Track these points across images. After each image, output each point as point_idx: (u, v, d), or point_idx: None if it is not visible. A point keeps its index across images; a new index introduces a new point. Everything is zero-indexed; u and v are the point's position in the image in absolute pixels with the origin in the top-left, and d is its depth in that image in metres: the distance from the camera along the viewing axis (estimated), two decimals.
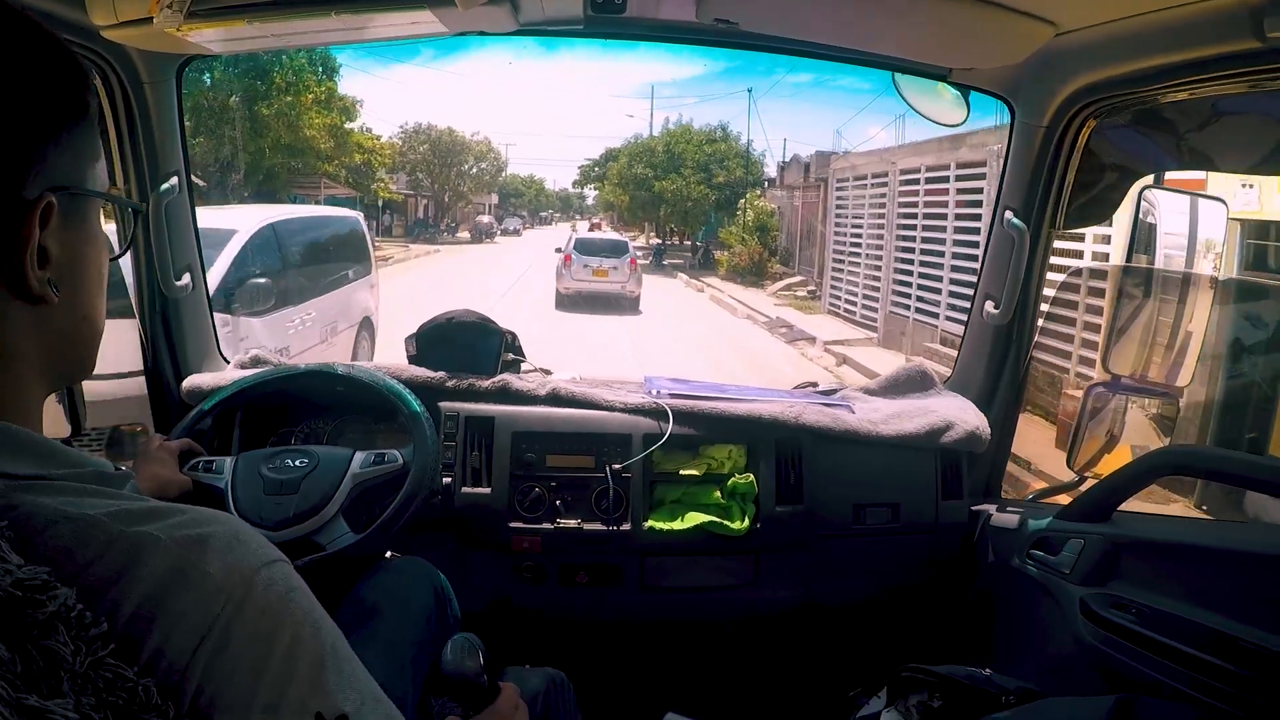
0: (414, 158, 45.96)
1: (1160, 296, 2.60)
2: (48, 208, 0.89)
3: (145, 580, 0.78)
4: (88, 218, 0.99)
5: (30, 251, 0.88)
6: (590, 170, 49.14)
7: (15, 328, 0.90)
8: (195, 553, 0.82)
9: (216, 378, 2.77)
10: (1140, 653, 2.05)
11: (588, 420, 2.80)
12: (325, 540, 2.16)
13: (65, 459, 0.89)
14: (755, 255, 32.29)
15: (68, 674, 0.72)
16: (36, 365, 0.94)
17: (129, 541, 0.80)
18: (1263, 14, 1.69)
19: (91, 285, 1.01)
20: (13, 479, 0.82)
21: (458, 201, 50.39)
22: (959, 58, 2.51)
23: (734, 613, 3.02)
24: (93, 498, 0.84)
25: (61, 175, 0.93)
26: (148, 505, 0.85)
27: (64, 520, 0.79)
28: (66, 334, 0.97)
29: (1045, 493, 2.82)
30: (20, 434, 0.87)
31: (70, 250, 0.95)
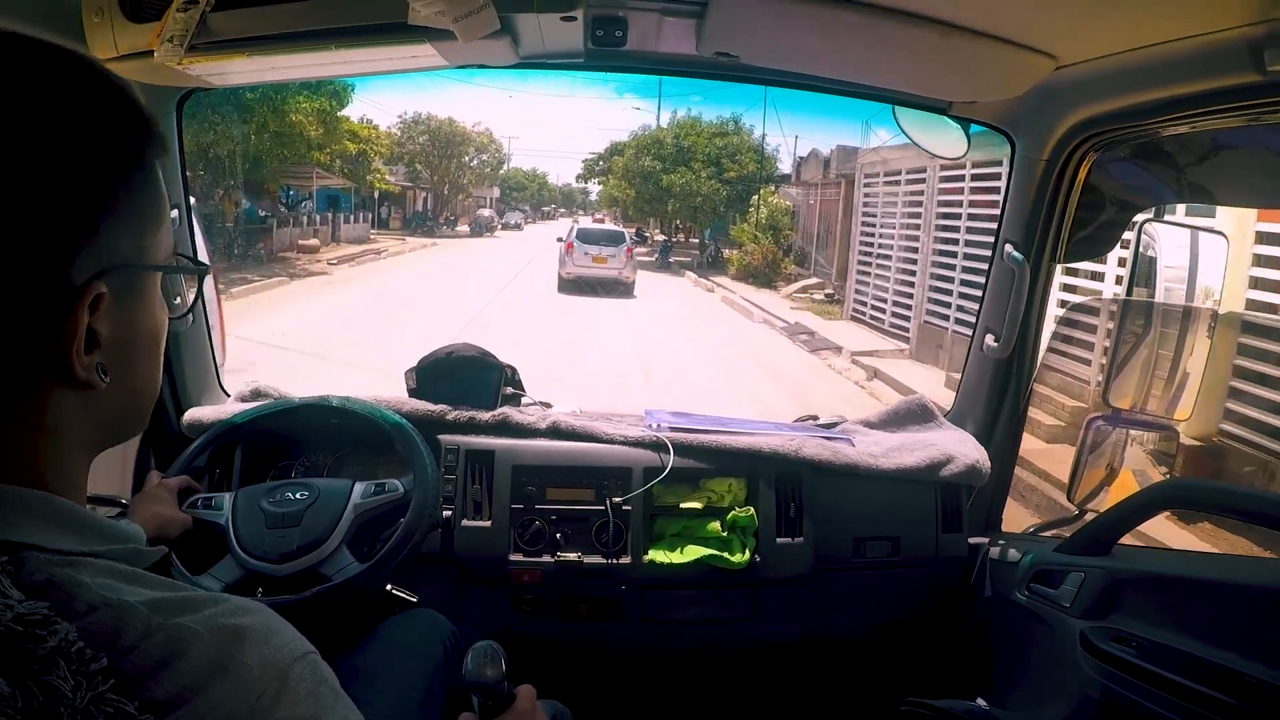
0: (412, 149, 44.94)
1: (1160, 330, 2.60)
2: (92, 289, 0.85)
3: (185, 673, 0.78)
4: (146, 290, 0.96)
5: (77, 342, 0.85)
6: (594, 164, 47.07)
7: (60, 409, 0.88)
8: (234, 645, 0.82)
9: (217, 411, 2.76)
10: (1141, 686, 2.04)
11: (588, 453, 2.80)
12: (331, 571, 2.16)
13: (103, 533, 0.89)
14: (768, 255, 30.95)
15: (67, 710, 0.72)
16: (83, 439, 0.93)
17: (168, 634, 0.79)
18: (1262, 47, 1.69)
19: (145, 358, 0.99)
20: (52, 554, 0.82)
21: (457, 194, 49.52)
22: (959, 91, 2.51)
23: (734, 645, 3.00)
24: (130, 583, 0.83)
25: (117, 251, 0.89)
26: (182, 595, 0.84)
27: (104, 606, 0.79)
28: (115, 410, 0.96)
29: (1045, 526, 2.81)
30: (62, 507, 0.86)
31: (123, 328, 0.92)
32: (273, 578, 2.13)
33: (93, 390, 0.88)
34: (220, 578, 2.13)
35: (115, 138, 0.89)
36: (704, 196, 35.92)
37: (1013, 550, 2.66)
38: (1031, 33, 2.04)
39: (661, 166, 36.83)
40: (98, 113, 0.88)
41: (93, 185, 0.86)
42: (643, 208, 39.77)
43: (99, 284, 0.85)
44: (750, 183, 35.57)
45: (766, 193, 34.68)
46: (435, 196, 48.68)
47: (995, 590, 2.70)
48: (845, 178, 24.87)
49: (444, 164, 45.83)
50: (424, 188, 47.38)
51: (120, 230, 0.89)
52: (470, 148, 47.07)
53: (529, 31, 2.23)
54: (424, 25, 1.98)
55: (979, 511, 2.91)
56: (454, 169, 46.37)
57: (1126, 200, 2.59)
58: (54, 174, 0.82)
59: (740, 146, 36.61)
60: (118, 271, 0.88)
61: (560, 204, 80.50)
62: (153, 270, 0.96)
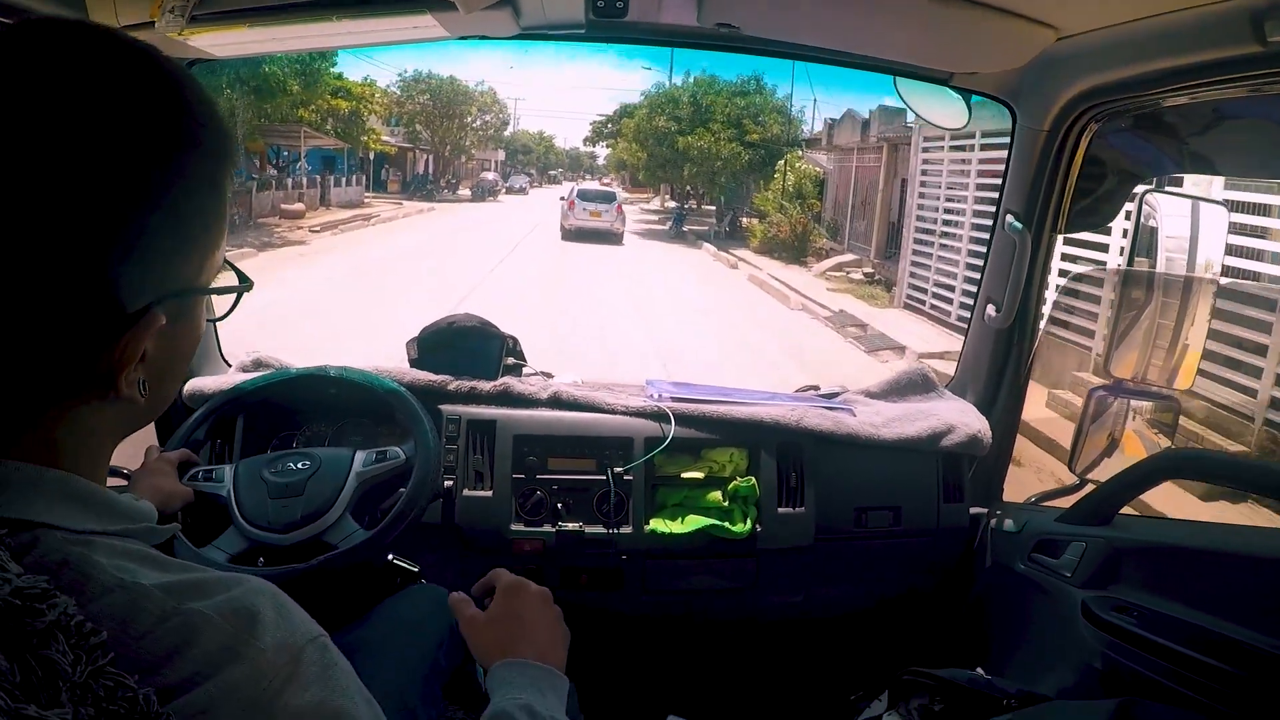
0: (412, 108, 43.16)
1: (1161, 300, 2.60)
2: (151, 318, 0.85)
3: (198, 659, 0.80)
4: (196, 310, 0.96)
5: (130, 367, 0.86)
6: (602, 127, 43.92)
7: (94, 413, 0.89)
8: (246, 629, 0.83)
9: (218, 381, 2.76)
10: (1142, 655, 2.05)
11: (589, 423, 2.80)
12: (336, 539, 2.16)
13: (121, 513, 0.90)
14: (798, 226, 28.22)
15: (66, 684, 0.72)
16: (110, 434, 0.94)
17: (182, 619, 0.80)
18: (1263, 18, 1.68)
19: (180, 369, 1.00)
20: (68, 533, 0.83)
21: (459, 157, 47.55)
22: (960, 62, 2.51)
23: (735, 615, 3.02)
24: (145, 565, 0.85)
25: (177, 277, 0.89)
26: (195, 578, 0.85)
27: (119, 589, 0.80)
28: (143, 414, 0.96)
29: (1046, 496, 2.81)
30: (82, 487, 0.87)
31: (169, 348, 0.93)
32: (277, 547, 2.13)
33: (130, 403, 0.89)
34: (225, 549, 2.14)
35: (191, 160, 0.88)
36: (724, 160, 33.23)
37: (1014, 520, 2.66)
38: (1033, 3, 2.03)
39: (677, 127, 34.14)
40: (173, 136, 0.86)
41: (165, 214, 0.85)
42: (656, 172, 37.25)
43: (159, 312, 0.86)
44: (774, 146, 33.28)
45: (794, 157, 32.76)
46: (436, 159, 46.95)
47: (996, 560, 2.71)
48: (888, 141, 23.01)
49: (445, 124, 44.09)
50: (424, 149, 45.79)
51: (184, 255, 0.89)
52: (473, 108, 45.21)
53: (530, 2, 2.23)
54: None
55: (980, 481, 2.92)
56: (455, 130, 44.53)
57: (1127, 171, 2.59)
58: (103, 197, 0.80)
59: (763, 107, 33.95)
60: (177, 297, 0.89)
61: (567, 168, 77.03)
62: (210, 294, 0.97)
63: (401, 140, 43.33)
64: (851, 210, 26.50)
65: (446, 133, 44.28)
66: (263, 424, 2.64)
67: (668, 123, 34.25)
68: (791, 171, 32.18)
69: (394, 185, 43.54)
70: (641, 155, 36.26)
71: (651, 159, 35.59)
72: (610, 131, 42.97)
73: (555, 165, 77.23)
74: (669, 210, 41.92)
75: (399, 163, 44.70)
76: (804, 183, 31.10)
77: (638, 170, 39.26)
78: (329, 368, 2.54)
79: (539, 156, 73.86)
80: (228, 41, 2.23)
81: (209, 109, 0.89)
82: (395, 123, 42.46)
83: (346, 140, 32.45)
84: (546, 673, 1.37)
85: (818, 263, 25.95)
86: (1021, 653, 2.56)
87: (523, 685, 1.32)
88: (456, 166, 49.09)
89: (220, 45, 2.30)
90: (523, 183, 59.66)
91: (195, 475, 2.28)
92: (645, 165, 36.70)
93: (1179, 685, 1.96)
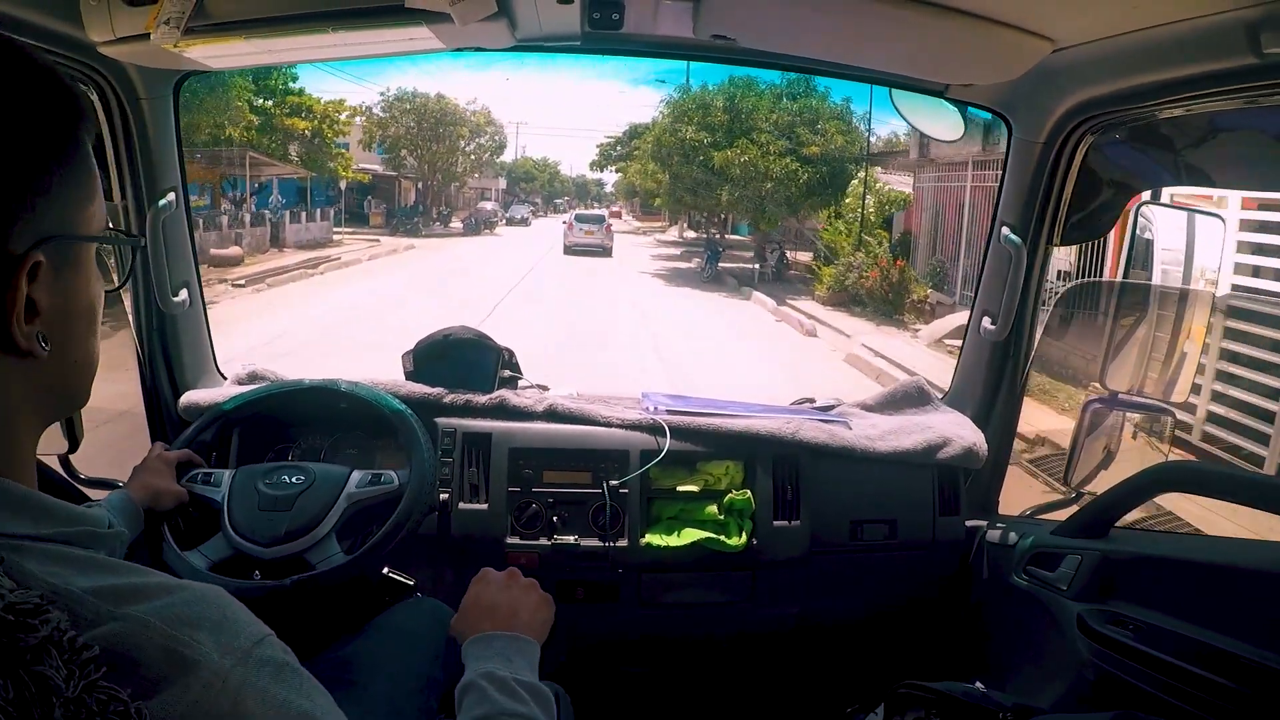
0: (396, 131, 38.75)
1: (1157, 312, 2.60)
2: (36, 264, 0.88)
3: (143, 664, 0.79)
4: (82, 261, 0.98)
5: (17, 310, 0.86)
6: (610, 150, 40.88)
7: (7, 378, 0.89)
8: (189, 634, 0.82)
9: (214, 394, 2.76)
10: (1138, 669, 2.06)
11: (585, 436, 2.80)
12: (316, 559, 2.16)
13: (58, 516, 0.89)
14: (892, 272, 20.87)
15: (60, 700, 0.71)
16: (29, 414, 0.94)
17: (117, 624, 0.80)
18: (1259, 30, 1.69)
19: (84, 328, 1.00)
20: (3, 538, 0.82)
21: (450, 184, 43.57)
22: (956, 74, 2.51)
23: (731, 628, 3.01)
24: (79, 569, 0.84)
25: (53, 223, 0.91)
26: (132, 582, 0.84)
27: (50, 595, 0.78)
28: (58, 380, 0.97)
29: (1042, 509, 2.81)
30: (13, 490, 0.87)
31: (62, 298, 0.94)
32: (259, 560, 2.14)
33: (34, 360, 0.89)
34: (208, 555, 2.15)
35: (49, 117, 0.91)
36: (776, 181, 25.72)
37: (1010, 533, 2.66)
38: (1028, 15, 2.03)
39: (711, 139, 26.77)
40: (30, 94, 0.90)
41: (29, 163, 0.88)
42: (682, 196, 29.49)
43: (37, 253, 0.88)
44: (837, 162, 25.69)
45: (871, 177, 25.92)
46: (425, 187, 42.78)
47: (992, 573, 2.71)
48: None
49: (433, 149, 39.99)
50: (409, 176, 41.83)
51: (56, 204, 0.91)
52: (464, 129, 40.87)
53: (526, 14, 2.23)
54: (421, 8, 1.98)
55: (976, 494, 2.92)
56: (445, 154, 40.47)
57: (1123, 182, 2.59)
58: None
59: (820, 112, 26.33)
60: (54, 242, 0.91)
61: (574, 195, 71.40)
62: (88, 241, 0.98)
63: (385, 167, 40.30)
64: (965, 247, 19.81)
65: (435, 158, 40.69)
66: (262, 433, 2.64)
67: (698, 134, 27.03)
68: (871, 194, 25.75)
69: (377, 218, 40.08)
70: (661, 177, 29.80)
71: (676, 181, 28.63)
72: (619, 155, 40.38)
73: (561, 193, 71.89)
74: (689, 242, 39.63)
75: (386, 193, 41.47)
76: (889, 208, 25.32)
77: (653, 195, 34.20)
78: (339, 381, 2.55)
79: (543, 184, 68.58)
80: (223, 54, 2.23)
81: (67, 83, 0.95)
82: (381, 150, 39.41)
83: (311, 168, 29.92)
84: (511, 639, 1.55)
85: (923, 323, 19.06)
86: (1017, 666, 2.56)
87: (488, 656, 1.49)
88: (449, 195, 45.50)
89: (215, 57, 2.29)
90: (524, 213, 53.84)
91: (194, 477, 2.28)
92: (667, 189, 29.97)
93: (1174, 698, 1.96)
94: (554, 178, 70.15)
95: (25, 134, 0.88)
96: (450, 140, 40.77)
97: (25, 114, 0.89)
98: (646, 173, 31.96)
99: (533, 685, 1.43)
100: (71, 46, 2.18)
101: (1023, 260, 2.67)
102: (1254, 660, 1.84)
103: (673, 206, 33.99)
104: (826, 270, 22.94)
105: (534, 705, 1.39)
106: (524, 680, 1.43)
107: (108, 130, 2.54)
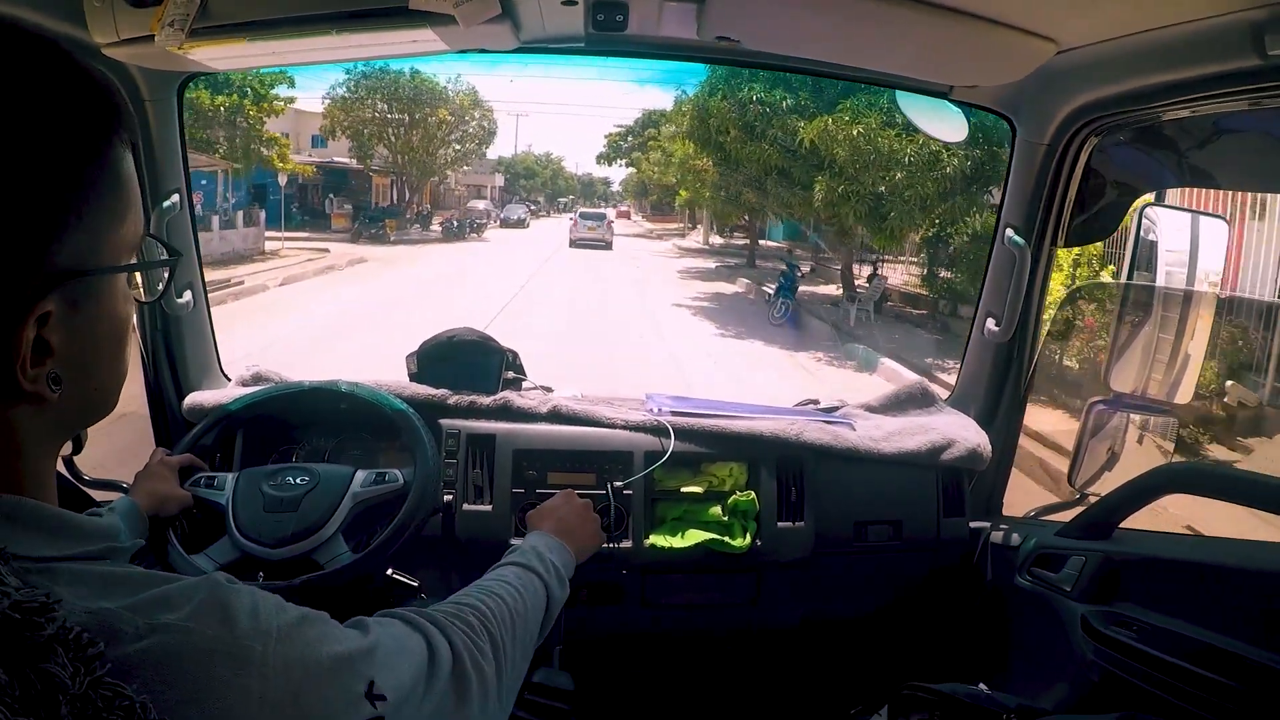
0: (362, 114, 33.33)
1: (1161, 314, 2.60)
2: (35, 307, 0.82)
3: (189, 669, 0.81)
4: (105, 293, 0.92)
5: (22, 357, 0.82)
6: (620, 140, 39.15)
7: (16, 419, 0.86)
8: (222, 630, 0.85)
9: (218, 395, 2.76)
10: (1142, 670, 2.05)
11: (589, 438, 2.80)
12: (324, 559, 2.16)
13: (75, 533, 0.88)
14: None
15: (66, 697, 0.72)
16: (43, 440, 0.91)
17: (163, 635, 0.81)
18: (1263, 31, 1.69)
19: (109, 353, 0.95)
20: (25, 561, 0.81)
21: (428, 178, 38.32)
22: (960, 76, 2.51)
23: (735, 629, 3.01)
24: (111, 586, 0.84)
25: (70, 259, 0.85)
26: (158, 592, 0.85)
27: (87, 616, 0.78)
28: (74, 410, 0.93)
29: (1046, 510, 2.81)
30: (31, 509, 0.85)
31: (79, 336, 0.88)
32: (266, 562, 2.14)
33: (44, 401, 0.86)
34: (215, 558, 2.14)
35: (76, 144, 0.86)
36: (910, 170, 16.02)
37: (1014, 534, 2.67)
38: (1032, 16, 2.03)
39: (793, 101, 17.54)
40: (51, 109, 0.84)
41: (38, 203, 0.82)
42: (739, 192, 21.01)
43: (45, 302, 0.82)
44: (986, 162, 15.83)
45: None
46: (397, 183, 37.86)
47: (996, 574, 2.71)
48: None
49: (406, 137, 34.66)
50: (378, 170, 36.32)
51: (74, 237, 0.85)
52: (444, 111, 35.50)
53: (530, 16, 2.24)
54: (425, 9, 1.98)
55: (980, 495, 2.92)
56: (421, 143, 35.09)
57: (1127, 184, 2.59)
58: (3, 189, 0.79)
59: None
60: (72, 283, 0.85)
61: (579, 194, 66.04)
62: (111, 273, 0.92)
63: (354, 160, 34.87)
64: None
65: (409, 148, 35.20)
66: (265, 435, 2.64)
67: (770, 93, 17.69)
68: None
69: (340, 220, 33.88)
70: (702, 164, 21.93)
71: (729, 168, 19.98)
72: (630, 146, 39.23)
73: (565, 192, 67.02)
74: (718, 250, 35.62)
75: (358, 190, 35.94)
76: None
77: (676, 191, 27.86)
78: (340, 383, 2.54)
79: (545, 182, 64.01)
80: (227, 55, 2.23)
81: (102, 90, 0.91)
82: (366, 139, 33.95)
83: (233, 159, 24.52)
84: (558, 543, 1.87)
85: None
86: (1021, 667, 2.56)
87: (542, 541, 1.84)
88: (436, 193, 40.95)
89: (219, 59, 2.30)
90: (520, 213, 48.48)
91: (198, 481, 2.27)
92: (710, 181, 22.23)
93: (1179, 700, 1.95)
94: (557, 174, 65.76)
95: (42, 161, 0.82)
96: (428, 126, 36.06)
97: (42, 134, 0.82)
98: (672, 162, 26.26)
99: (562, 574, 1.78)
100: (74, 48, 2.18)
101: (1027, 262, 2.67)
102: (1258, 661, 1.84)
103: (719, 206, 24.78)
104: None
105: (555, 581, 1.72)
106: (554, 563, 1.77)
107: None
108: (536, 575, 1.66)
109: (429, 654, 1.15)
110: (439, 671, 1.15)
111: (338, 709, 0.93)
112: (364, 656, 1.00)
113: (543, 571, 1.69)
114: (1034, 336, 2.82)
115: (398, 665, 1.06)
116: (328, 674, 0.93)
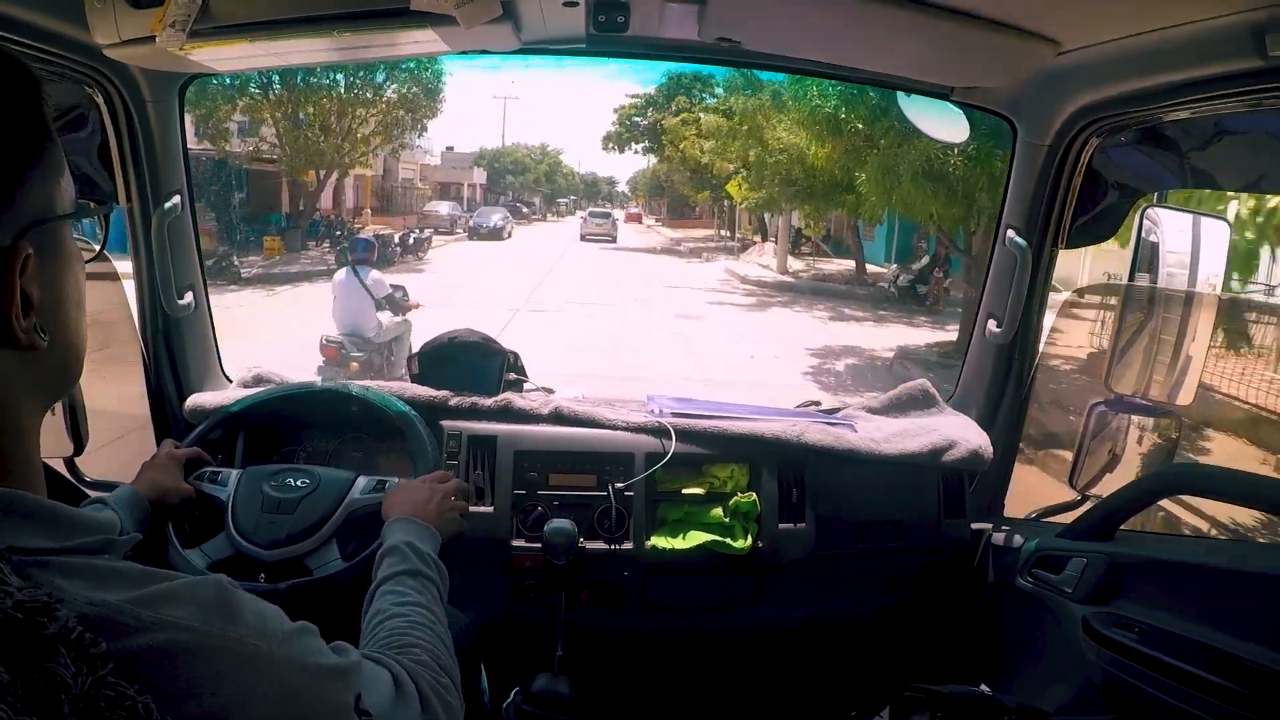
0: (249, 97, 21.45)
1: (1163, 315, 2.60)
2: (19, 250, 0.87)
3: (190, 664, 0.83)
4: (62, 242, 0.98)
5: (14, 305, 0.87)
6: (634, 116, 30.21)
7: (5, 378, 0.89)
8: (225, 628, 0.88)
9: (219, 396, 2.77)
10: (1143, 672, 2.05)
11: (590, 439, 2.79)
12: (314, 565, 2.17)
13: (73, 526, 0.89)
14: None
15: (68, 697, 0.72)
16: (31, 405, 0.94)
17: (163, 631, 0.82)
18: (1264, 32, 1.69)
19: (74, 311, 1.00)
20: (26, 554, 0.82)
21: (332, 174, 24.92)
22: (961, 77, 2.51)
23: (736, 631, 3.01)
24: (108, 579, 0.85)
25: (31, 211, 0.91)
26: (162, 588, 0.86)
27: (89, 608, 0.79)
28: (56, 368, 0.98)
29: (1048, 511, 2.81)
30: (26, 501, 0.86)
31: (51, 286, 0.94)
32: (259, 562, 2.15)
33: (34, 352, 0.90)
34: (209, 554, 2.16)
35: (22, 117, 0.91)
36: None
37: (1015, 536, 2.66)
38: (1034, 17, 2.04)
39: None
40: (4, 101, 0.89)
41: (7, 166, 0.88)
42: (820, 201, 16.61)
43: (25, 245, 0.88)
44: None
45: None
46: (291, 183, 25.09)
47: (998, 576, 2.71)
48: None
49: (294, 110, 22.47)
50: (264, 159, 24.15)
51: (34, 194, 0.91)
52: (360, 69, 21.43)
53: (531, 16, 2.24)
54: (426, 10, 1.98)
55: (981, 497, 2.91)
56: (315, 117, 22.62)
57: (1129, 185, 2.59)
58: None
59: None
60: (38, 228, 0.91)
61: (581, 194, 55.61)
62: (68, 219, 0.98)
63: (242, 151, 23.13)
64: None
65: (292, 134, 22.76)
66: (268, 434, 2.65)
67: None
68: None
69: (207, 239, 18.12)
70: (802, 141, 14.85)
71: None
72: (647, 126, 29.94)
73: (565, 191, 55.66)
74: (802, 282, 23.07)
75: (266, 194, 25.09)
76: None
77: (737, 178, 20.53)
78: (349, 385, 2.55)
79: (540, 178, 52.88)
80: (228, 56, 2.24)
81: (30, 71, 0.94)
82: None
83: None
84: (425, 530, 1.85)
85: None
86: (1022, 669, 2.56)
87: (409, 533, 1.81)
88: (344, 195, 28.94)
89: (220, 60, 2.30)
90: (497, 220, 36.48)
91: (201, 475, 2.29)
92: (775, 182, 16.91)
93: (1180, 701, 1.95)
94: (555, 169, 54.24)
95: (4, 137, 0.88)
96: (323, 91, 22.62)
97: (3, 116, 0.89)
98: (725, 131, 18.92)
99: (437, 561, 1.77)
100: (76, 49, 2.18)
101: (1028, 263, 2.67)
102: (1260, 664, 1.83)
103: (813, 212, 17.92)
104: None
105: (438, 576, 1.73)
106: (431, 555, 1.77)
107: (113, 133, 2.55)
108: (426, 579, 1.70)
109: (395, 685, 1.25)
110: (409, 704, 1.24)
111: (332, 714, 1.02)
112: (353, 671, 1.10)
113: (428, 570, 1.72)
114: (1035, 338, 2.82)
115: (376, 689, 1.17)
116: (326, 679, 1.01)
